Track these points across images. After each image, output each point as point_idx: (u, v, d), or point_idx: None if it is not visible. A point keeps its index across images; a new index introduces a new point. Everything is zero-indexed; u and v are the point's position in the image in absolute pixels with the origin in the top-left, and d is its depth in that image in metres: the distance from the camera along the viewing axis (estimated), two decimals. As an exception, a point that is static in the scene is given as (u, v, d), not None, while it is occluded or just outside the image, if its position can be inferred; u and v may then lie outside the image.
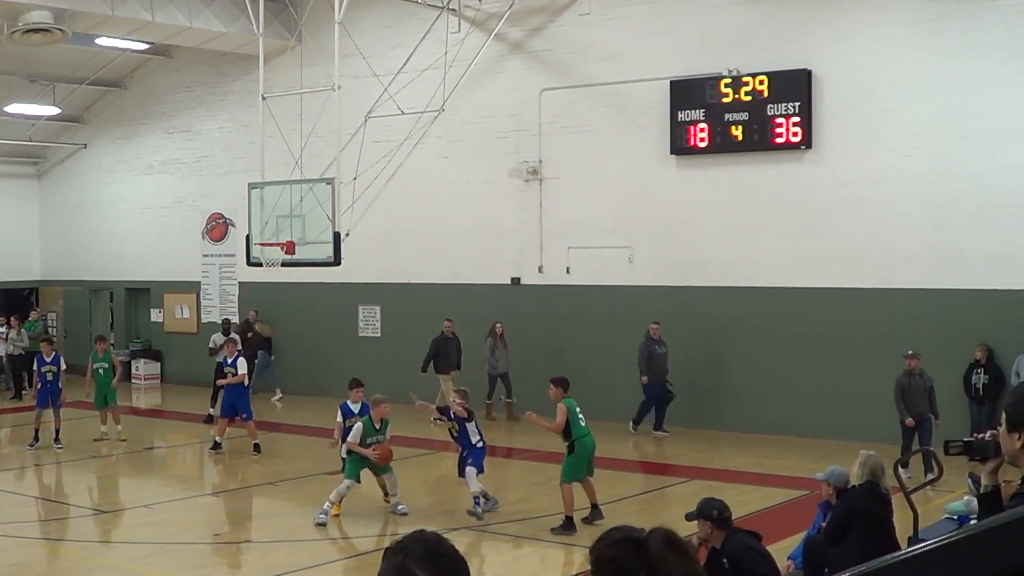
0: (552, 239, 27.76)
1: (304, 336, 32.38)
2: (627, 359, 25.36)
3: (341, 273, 26.13)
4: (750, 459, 22.44)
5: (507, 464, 22.75)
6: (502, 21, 27.84)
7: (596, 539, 3.79)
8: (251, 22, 25.76)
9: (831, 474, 12.91)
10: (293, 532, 17.30)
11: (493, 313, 28.51)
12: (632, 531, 3.78)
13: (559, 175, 27.69)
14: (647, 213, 26.42)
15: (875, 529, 11.86)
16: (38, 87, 35.83)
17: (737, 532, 10.77)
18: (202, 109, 35.51)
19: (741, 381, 25.22)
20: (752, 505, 17.84)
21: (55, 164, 40.37)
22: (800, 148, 24.32)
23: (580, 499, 17.32)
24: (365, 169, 25.83)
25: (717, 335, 25.60)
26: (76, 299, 39.58)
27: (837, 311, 23.91)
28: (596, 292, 27.13)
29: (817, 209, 24.30)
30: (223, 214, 34.76)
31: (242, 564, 16.29)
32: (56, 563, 16.73)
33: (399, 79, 27.27)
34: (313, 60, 29.26)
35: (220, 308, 34.73)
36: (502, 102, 28.58)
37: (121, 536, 18.07)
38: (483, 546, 16.39)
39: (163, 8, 29.05)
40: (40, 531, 18.42)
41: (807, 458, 21.66)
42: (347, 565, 16.50)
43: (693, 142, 25.53)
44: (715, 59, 25.19)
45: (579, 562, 14.97)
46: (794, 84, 24.22)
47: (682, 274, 26.01)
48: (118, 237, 37.94)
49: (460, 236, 29.33)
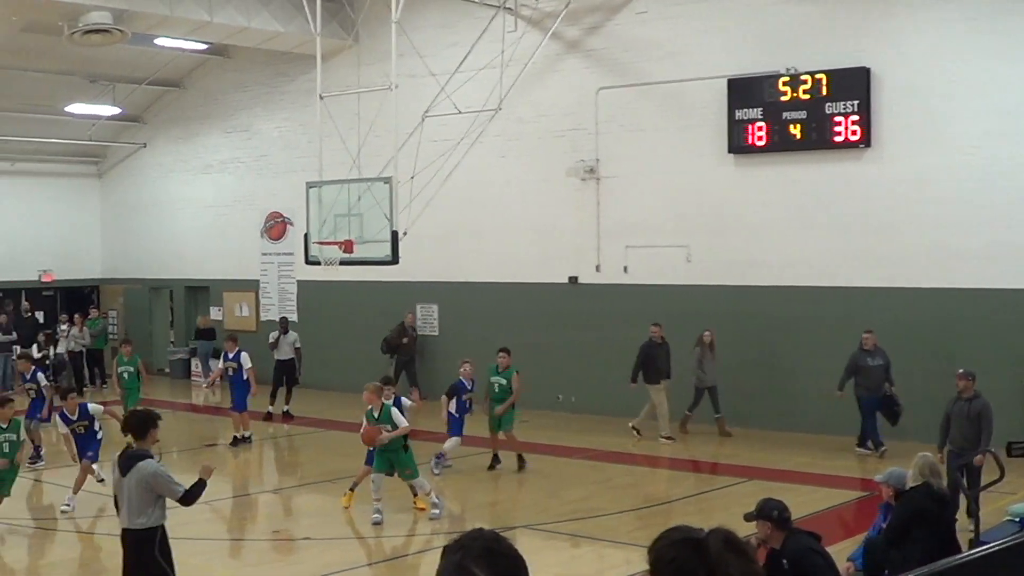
0: (609, 238, 27.70)
1: (362, 335, 32.44)
2: (684, 359, 25.23)
3: (399, 272, 26.19)
4: (809, 459, 22.31)
5: (566, 463, 22.71)
6: (559, 20, 27.81)
7: (655, 539, 3.78)
8: (308, 22, 25.84)
9: (891, 475, 12.82)
10: (350, 530, 17.34)
11: (549, 312, 28.48)
12: (691, 531, 3.76)
13: (616, 174, 27.63)
14: (705, 212, 26.32)
15: (935, 531, 11.77)
16: (98, 87, 36.15)
17: (797, 533, 10.70)
18: (260, 109, 35.71)
19: (799, 381, 25.04)
20: (812, 506, 17.73)
21: (115, 163, 40.72)
22: (859, 147, 24.15)
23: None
24: (422, 168, 25.85)
25: (774, 335, 25.46)
26: (136, 297, 39.92)
27: (895, 311, 23.70)
28: (653, 291, 27.04)
29: (876, 208, 24.11)
30: (282, 213, 34.93)
31: (300, 561, 16.35)
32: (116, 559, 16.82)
33: (456, 78, 27.30)
34: (370, 59, 29.32)
35: (279, 306, 34.91)
36: (559, 101, 28.55)
37: (181, 533, 18.15)
38: (541, 545, 16.37)
39: (221, 8, 29.22)
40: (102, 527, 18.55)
41: (867, 459, 21.52)
42: (403, 563, 16.54)
43: (751, 141, 25.40)
44: (773, 57, 25.05)
45: (630, 560, 14.95)
46: (853, 82, 24.04)
47: (740, 273, 25.89)
48: (178, 236, 38.22)
49: (517, 235, 29.32)
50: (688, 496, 19.38)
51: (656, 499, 19.19)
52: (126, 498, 11.33)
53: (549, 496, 19.85)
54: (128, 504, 11.32)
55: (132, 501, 11.29)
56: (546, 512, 18.38)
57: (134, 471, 11.26)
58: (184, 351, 37.58)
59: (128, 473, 11.28)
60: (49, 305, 39.76)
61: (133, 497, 11.28)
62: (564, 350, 28.42)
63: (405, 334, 30.49)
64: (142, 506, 11.31)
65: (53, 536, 18.02)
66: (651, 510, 18.43)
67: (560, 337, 28.41)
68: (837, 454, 22.52)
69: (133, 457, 11.41)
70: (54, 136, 38.23)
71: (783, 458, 22.45)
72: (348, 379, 31.94)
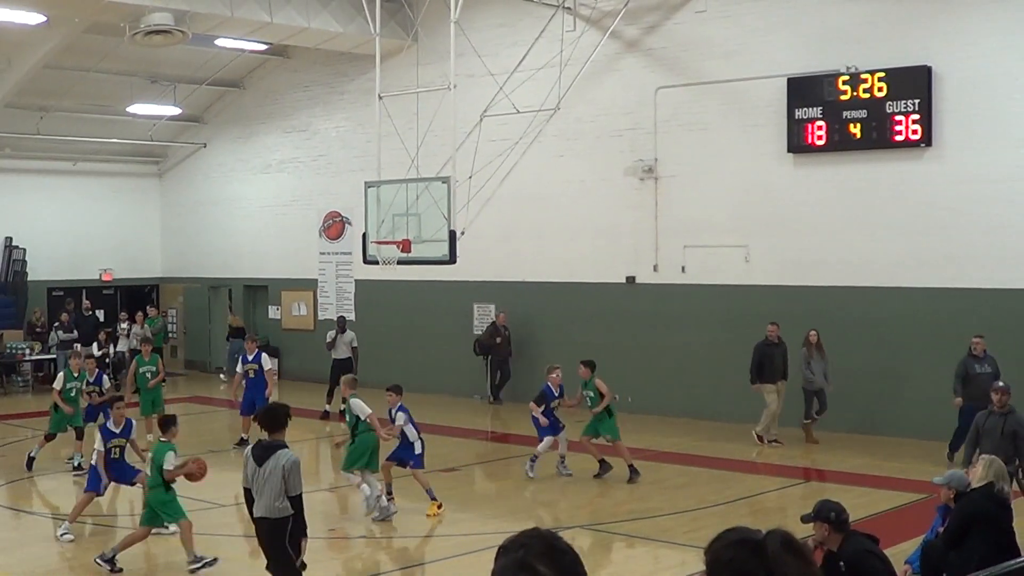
0: (667, 238, 27.63)
1: (419, 334, 32.54)
2: (741, 358, 25.11)
3: (456, 271, 26.26)
4: (867, 461, 22.16)
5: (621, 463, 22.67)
6: (617, 19, 27.76)
7: (712, 540, 3.76)
8: (368, 22, 25.94)
9: (950, 478, 12.71)
10: (406, 528, 17.38)
11: (607, 312, 28.44)
12: (749, 532, 3.74)
13: (675, 173, 27.55)
14: (763, 212, 26.20)
15: (994, 534, 11.67)
16: (159, 88, 36.44)
17: (854, 535, 10.64)
18: (319, 108, 35.88)
19: (857, 382, 24.86)
20: (869, 508, 17.62)
21: (176, 163, 41.03)
22: (920, 146, 23.95)
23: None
24: (480, 168, 25.90)
25: (833, 335, 25.26)
26: (195, 296, 40.20)
27: (956, 312, 23.49)
28: (712, 291, 26.95)
29: (937, 208, 23.91)
30: (340, 212, 35.08)
31: (356, 559, 16.40)
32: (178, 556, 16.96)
33: (514, 78, 27.32)
34: (429, 59, 29.39)
35: (336, 305, 35.05)
36: (617, 100, 28.51)
37: (241, 530, 18.29)
38: (596, 545, 16.36)
39: (281, 9, 29.38)
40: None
41: (925, 461, 21.34)
42: (461, 562, 16.55)
43: (810, 140, 25.26)
44: (833, 56, 24.90)
45: (685, 561, 14.91)
46: (913, 81, 23.85)
47: (798, 273, 25.75)
48: (237, 235, 38.47)
49: (575, 235, 29.30)
50: (744, 498, 19.29)
51: (712, 500, 19.10)
52: (264, 487, 11.79)
53: (604, 496, 19.83)
54: (267, 492, 11.78)
55: (271, 489, 11.76)
56: (601, 512, 18.37)
57: (273, 459, 11.77)
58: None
59: (265, 463, 11.77)
60: (109, 304, 40.10)
61: (272, 485, 11.75)
62: (621, 350, 28.35)
63: (498, 334, 30.18)
64: (280, 495, 11.78)
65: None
66: (706, 511, 18.35)
67: (617, 337, 28.35)
68: (896, 456, 22.35)
69: (271, 447, 11.92)
70: (115, 136, 38.56)
71: (841, 459, 22.31)
72: (405, 378, 31.94)
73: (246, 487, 12.08)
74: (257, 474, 11.83)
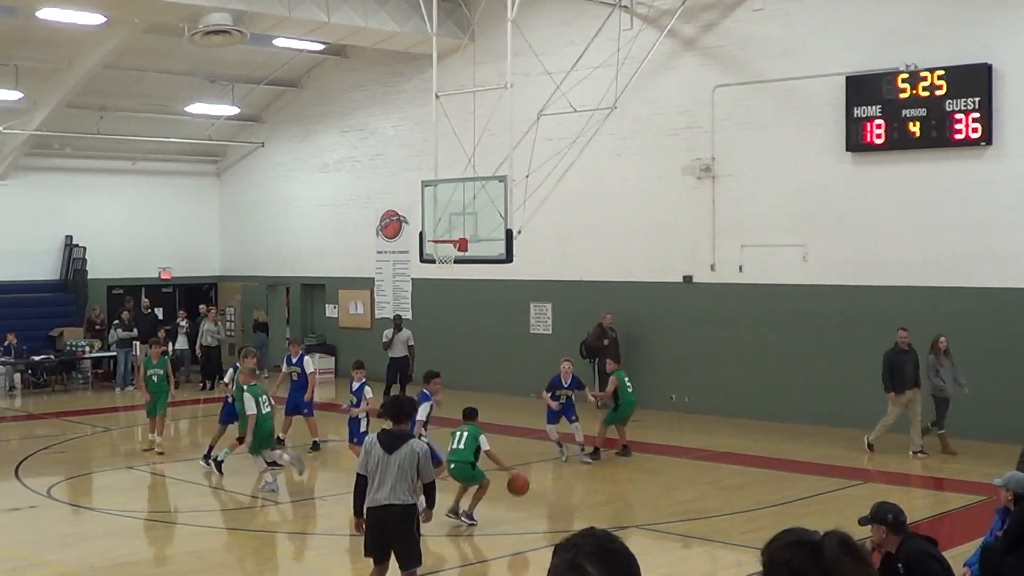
0: (725, 237, 27.52)
1: (476, 333, 32.61)
2: (798, 358, 24.98)
3: (513, 270, 26.26)
4: (927, 462, 21.99)
5: (678, 463, 22.63)
6: (675, 18, 27.69)
7: (769, 540, 3.74)
8: (425, 22, 25.99)
9: (1010, 479, 12.58)
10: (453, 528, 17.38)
11: (663, 311, 28.36)
12: (806, 533, 3.72)
13: (732, 172, 27.44)
14: (822, 211, 26.04)
15: (1057, 537, 11.54)
16: (218, 87, 36.69)
17: (912, 537, 10.56)
18: (376, 108, 36.00)
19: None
20: (928, 510, 17.51)
21: (234, 162, 41.30)
22: (980, 144, 23.73)
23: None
24: (537, 167, 25.92)
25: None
26: (253, 294, 40.42)
27: (1017, 312, 23.27)
28: (769, 291, 26.82)
29: (998, 207, 23.68)
30: (397, 211, 35.19)
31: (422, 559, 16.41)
32: (232, 552, 17.08)
33: (571, 77, 27.32)
34: (486, 58, 29.42)
35: (393, 304, 35.17)
36: (675, 99, 28.44)
37: (295, 527, 18.39)
38: (652, 545, 16.31)
39: (339, 9, 29.50)
40: (221, 521, 18.85)
41: (985, 462, 21.14)
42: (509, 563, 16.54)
43: (869, 139, 25.09)
44: (891, 54, 24.72)
45: (742, 562, 14.84)
46: (974, 78, 23.63)
47: (858, 273, 25.57)
48: (294, 234, 38.67)
49: (632, 233, 29.25)
50: (801, 498, 19.18)
51: (768, 501, 19.01)
52: (393, 475, 12.05)
53: (661, 496, 19.79)
54: (396, 480, 12.05)
55: (401, 477, 12.05)
56: (657, 512, 18.32)
57: (404, 448, 12.10)
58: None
59: (395, 451, 12.07)
60: (168, 302, 40.43)
61: (404, 473, 12.07)
62: (678, 349, 28.30)
63: (605, 336, 28.74)
64: (410, 482, 12.13)
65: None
66: (763, 511, 18.27)
67: (674, 336, 28.28)
68: (956, 457, 22.15)
69: (401, 436, 12.27)
70: (174, 135, 38.87)
71: (900, 460, 22.14)
72: (461, 376, 32.08)
73: (362, 473, 12.24)
74: (384, 461, 12.05)
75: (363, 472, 12.22)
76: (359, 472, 12.30)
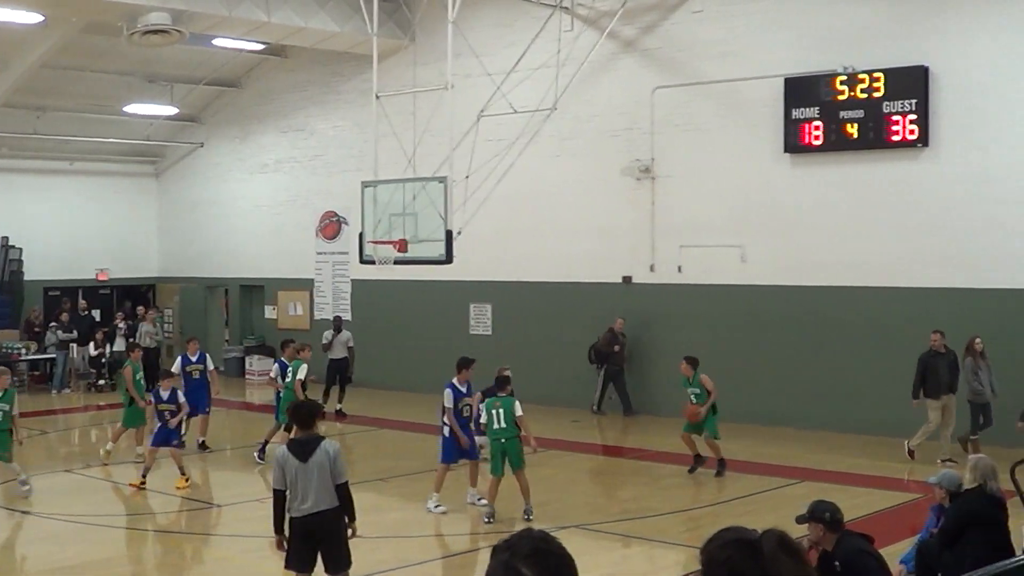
0: (664, 238, 27.63)
1: (416, 334, 32.55)
2: (736, 358, 25.14)
3: (453, 271, 26.23)
4: (863, 461, 22.15)
5: (617, 463, 22.71)
6: (615, 19, 27.76)
7: (708, 539, 3.77)
8: (365, 22, 25.93)
9: (943, 477, 12.76)
10: (402, 528, 17.38)
11: (605, 312, 28.41)
12: (745, 532, 3.76)
13: (671, 173, 27.56)
14: (760, 212, 26.21)
15: (989, 534, 11.69)
16: (156, 87, 36.45)
17: (849, 535, 10.64)
18: (316, 108, 35.88)
19: (855, 382, 24.89)
20: (864, 508, 17.63)
21: (173, 163, 41.04)
22: (916, 146, 23.96)
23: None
24: (477, 167, 25.91)
25: (829, 335, 25.30)
26: (192, 296, 40.18)
27: (954, 312, 23.48)
28: (708, 291, 26.96)
29: (934, 208, 23.92)
30: (336, 212, 35.08)
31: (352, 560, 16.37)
32: (169, 555, 16.99)
33: (512, 78, 27.33)
34: (426, 59, 29.40)
35: (333, 305, 35.06)
36: (614, 100, 28.52)
37: (235, 530, 18.29)
38: (591, 545, 16.35)
39: (279, 9, 29.38)
40: (153, 524, 18.72)
41: (921, 461, 21.36)
42: (455, 561, 16.56)
43: (807, 140, 25.27)
44: (830, 56, 24.90)
45: (682, 561, 14.90)
46: (910, 81, 23.86)
47: (795, 273, 25.75)
48: (233, 235, 38.48)
49: (572, 235, 29.29)
50: (739, 497, 19.28)
51: (707, 500, 19.12)
52: (315, 481, 11.78)
53: (600, 496, 19.86)
54: (318, 487, 11.79)
55: (322, 482, 11.80)
56: (597, 512, 18.37)
57: (318, 453, 11.79)
58: (238, 350, 37.79)
59: (310, 458, 11.77)
60: (106, 303, 40.13)
61: (324, 477, 11.80)
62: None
63: (616, 341, 28.05)
64: (331, 486, 11.86)
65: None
66: (701, 511, 18.37)
67: (614, 337, 28.35)
68: (891, 456, 22.34)
69: (311, 442, 11.94)
70: (112, 136, 38.60)
71: (836, 459, 22.30)
72: (401, 378, 32.12)
73: (280, 489, 11.92)
74: (301, 471, 11.78)
75: (281, 487, 11.89)
76: (276, 488, 11.96)
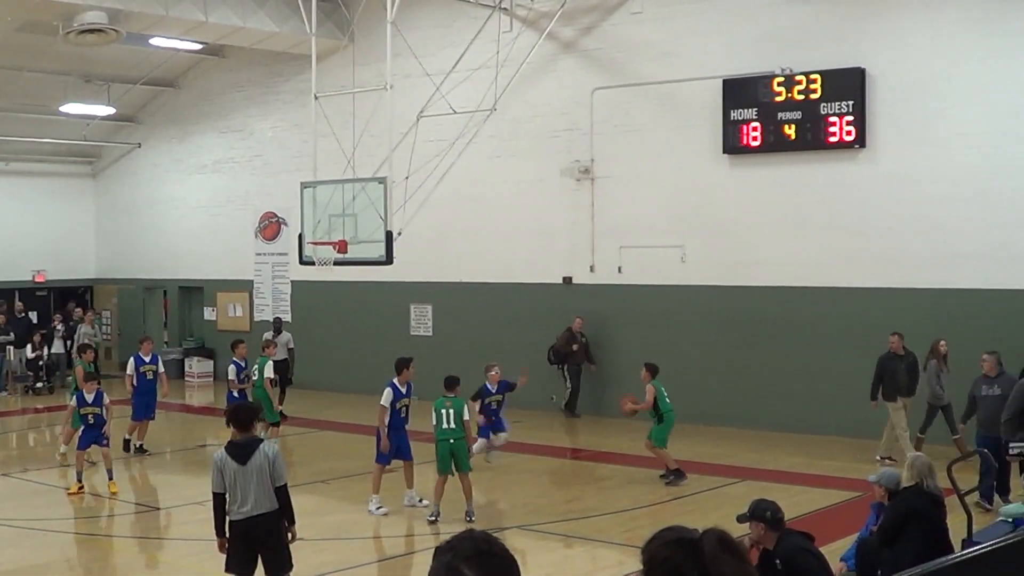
0: (604, 238, 27.69)
1: (356, 335, 32.47)
2: (676, 357, 25.21)
3: (393, 272, 26.18)
4: (802, 460, 22.30)
5: (558, 463, 22.73)
6: (554, 20, 27.80)
7: (649, 539, 3.78)
8: (304, 22, 25.85)
9: (882, 476, 12.86)
10: (344, 530, 17.34)
11: (543, 313, 28.44)
12: (685, 531, 3.76)
13: (611, 174, 27.62)
14: (699, 212, 26.32)
15: (928, 531, 11.78)
16: (93, 87, 36.13)
17: (790, 533, 10.70)
18: (255, 109, 35.69)
19: (794, 381, 25.05)
20: (804, 506, 17.74)
21: (110, 163, 40.69)
22: (854, 147, 24.14)
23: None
24: (417, 168, 25.86)
25: (768, 335, 25.44)
26: (130, 297, 39.89)
27: (891, 311, 23.67)
28: (648, 291, 27.04)
29: (871, 209, 24.11)
30: (276, 213, 34.91)
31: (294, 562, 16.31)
32: (110, 559, 16.86)
33: (451, 78, 27.30)
34: (365, 60, 29.32)
35: (272, 307, 34.89)
36: (554, 101, 28.56)
37: (174, 533, 18.17)
38: (533, 545, 16.37)
39: (216, 8, 29.22)
40: (94, 528, 18.57)
41: (859, 459, 21.52)
42: (398, 563, 16.53)
43: (746, 141, 25.41)
44: (768, 58, 25.05)
45: (622, 561, 14.95)
46: (848, 83, 24.05)
47: (735, 273, 25.88)
48: (172, 236, 38.21)
49: (512, 235, 29.31)
50: (681, 497, 19.37)
51: (647, 500, 19.18)
52: (253, 484, 11.71)
53: (541, 496, 19.86)
54: (258, 490, 11.73)
55: (261, 484, 11.74)
56: (538, 512, 18.37)
57: (257, 456, 11.72)
58: (177, 352, 37.52)
59: (249, 461, 11.70)
60: (43, 305, 39.75)
61: (263, 480, 11.74)
62: (558, 350, 28.41)
63: (574, 340, 27.86)
64: (271, 489, 11.81)
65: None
66: (642, 510, 18.42)
67: (554, 338, 28.35)
68: (830, 454, 22.51)
69: (249, 444, 11.87)
70: (48, 136, 38.22)
71: (776, 458, 22.44)
72: (341, 379, 32.03)
73: (219, 492, 11.85)
74: (240, 474, 11.68)
75: (220, 490, 11.86)
76: (215, 491, 11.90)
